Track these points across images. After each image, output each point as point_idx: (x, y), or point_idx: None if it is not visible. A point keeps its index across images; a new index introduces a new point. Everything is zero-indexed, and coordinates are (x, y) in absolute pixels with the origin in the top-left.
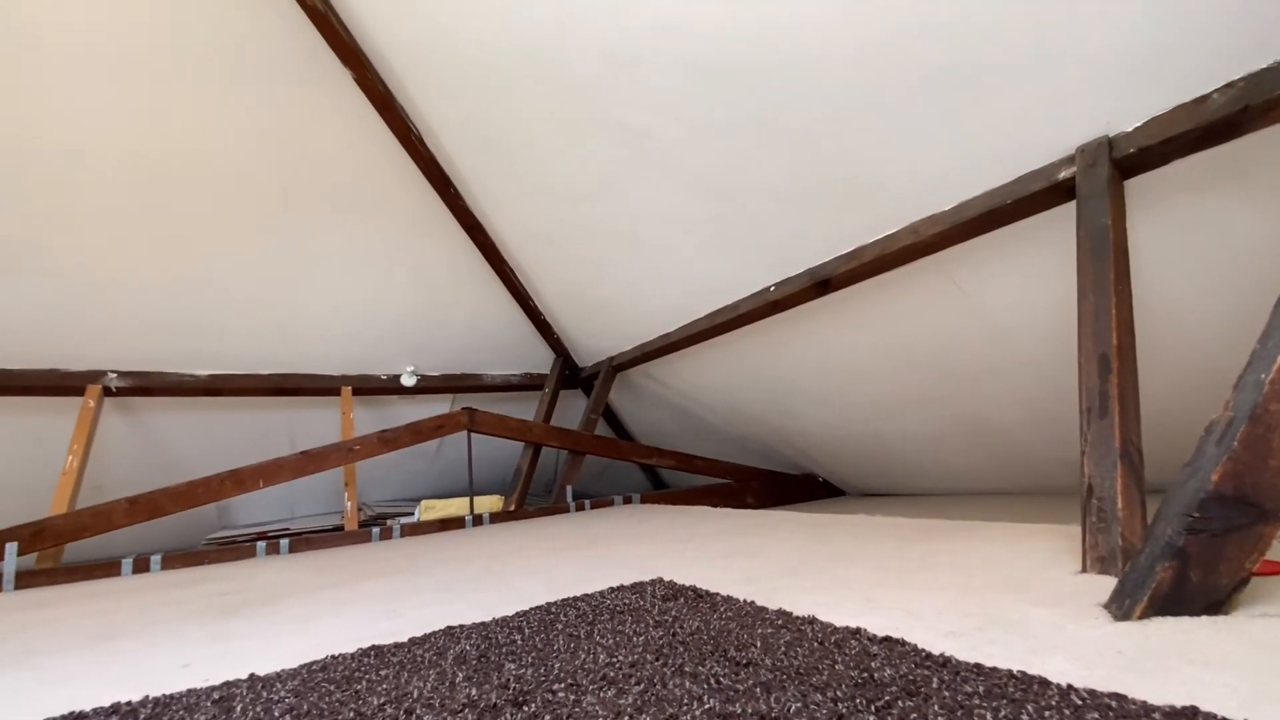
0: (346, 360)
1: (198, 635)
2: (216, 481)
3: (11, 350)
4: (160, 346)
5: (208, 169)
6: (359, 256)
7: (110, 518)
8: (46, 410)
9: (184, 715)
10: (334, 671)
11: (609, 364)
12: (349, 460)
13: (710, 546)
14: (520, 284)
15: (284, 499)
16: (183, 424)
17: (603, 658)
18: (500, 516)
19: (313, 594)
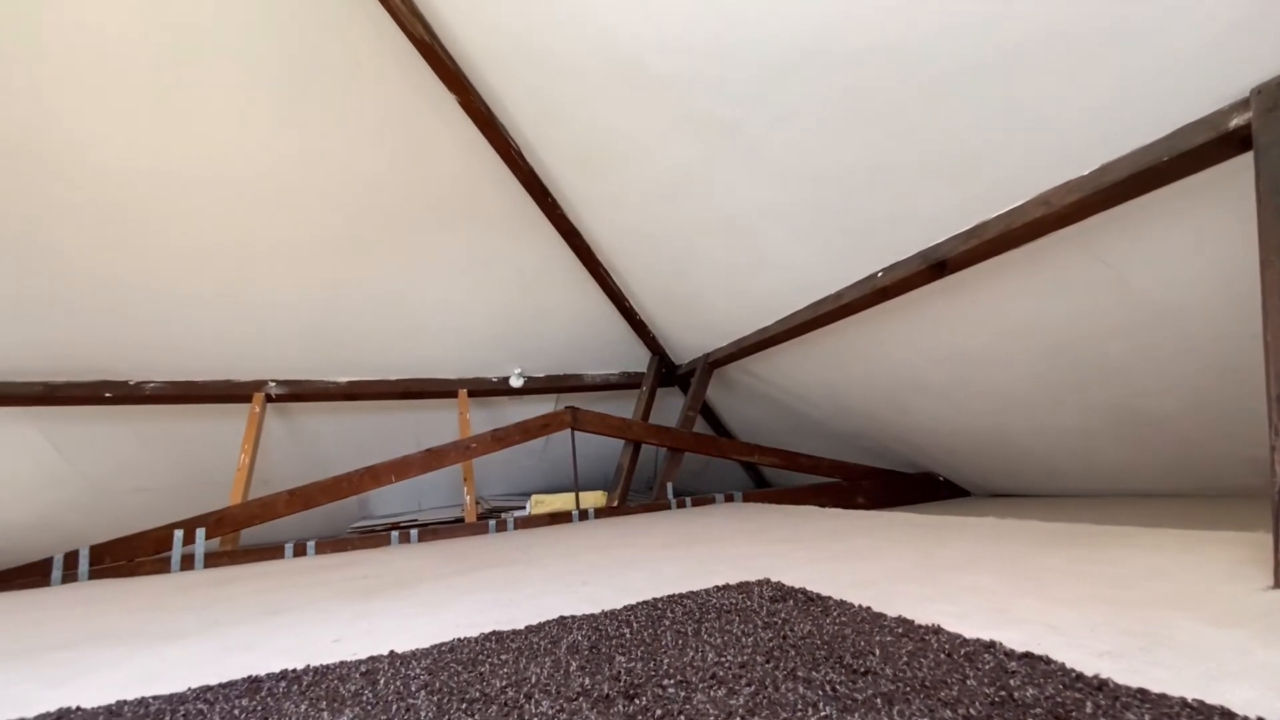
0: (462, 365)
1: (346, 613)
2: (357, 476)
3: (194, 364)
4: (308, 358)
5: (339, 196)
6: (469, 268)
7: (274, 507)
8: (222, 415)
9: (337, 684)
10: (460, 653)
11: (705, 361)
12: (467, 457)
13: (819, 548)
14: (615, 286)
15: (413, 492)
16: (328, 425)
17: (711, 656)
18: (604, 512)
19: (440, 580)
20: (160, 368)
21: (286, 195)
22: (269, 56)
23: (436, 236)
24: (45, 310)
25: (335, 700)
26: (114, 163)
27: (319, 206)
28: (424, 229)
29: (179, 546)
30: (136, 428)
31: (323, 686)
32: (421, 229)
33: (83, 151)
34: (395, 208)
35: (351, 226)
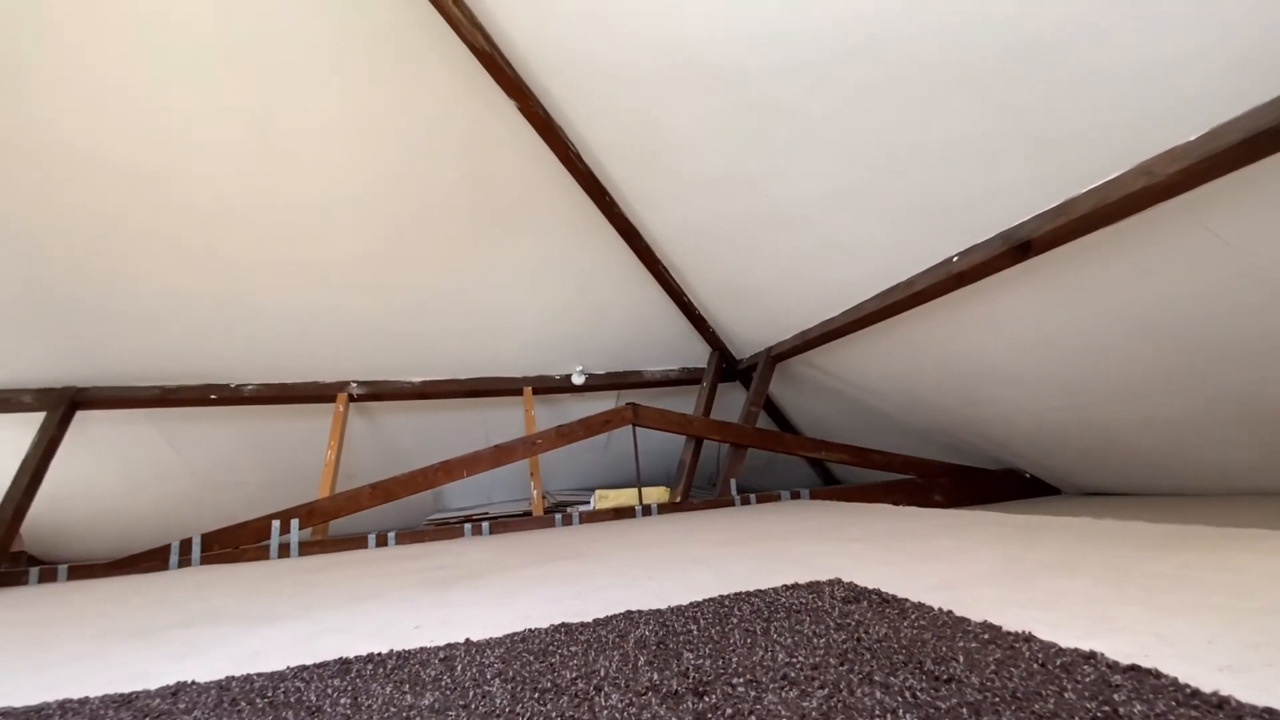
0: (526, 363)
1: (425, 601)
2: (432, 471)
3: (285, 368)
4: (385, 359)
5: (410, 209)
6: (532, 270)
7: (358, 500)
8: (310, 414)
9: (419, 669)
10: (532, 643)
11: (767, 355)
12: (533, 453)
13: (894, 548)
14: (674, 282)
15: (483, 486)
16: (405, 423)
17: (781, 657)
18: (666, 508)
19: (510, 572)
20: (257, 372)
21: (363, 210)
22: (340, 77)
23: (500, 241)
24: (161, 322)
25: (417, 684)
26: (209, 196)
27: (392, 220)
28: (488, 234)
29: (276, 536)
30: (237, 426)
31: (405, 670)
32: (486, 234)
33: (189, 188)
34: (462, 216)
35: (421, 236)
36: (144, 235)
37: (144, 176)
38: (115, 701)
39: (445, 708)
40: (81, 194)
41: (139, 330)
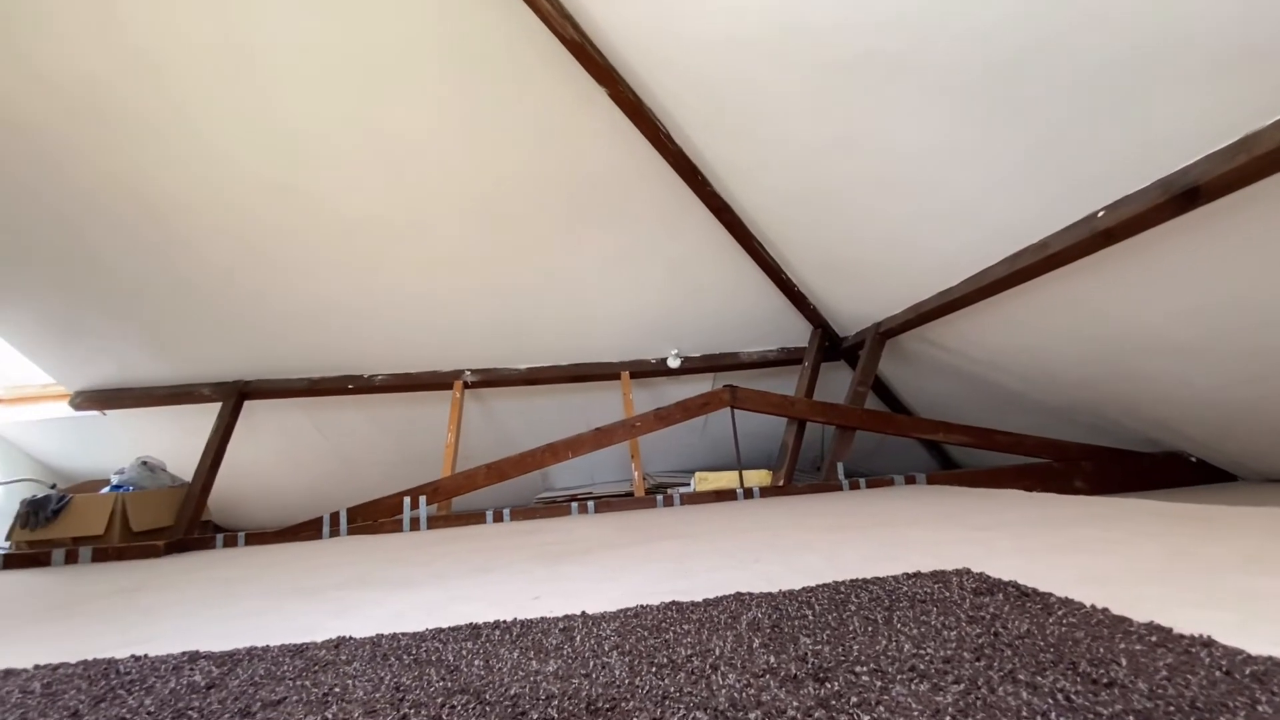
0: (623, 348)
1: (542, 574)
2: (539, 453)
3: (409, 358)
4: (495, 348)
5: (512, 203)
6: (627, 255)
7: (475, 479)
8: (432, 401)
9: (541, 637)
10: (645, 619)
11: (875, 331)
12: (632, 435)
13: (1029, 537)
14: (770, 258)
15: (586, 467)
16: (513, 408)
17: (908, 647)
18: (769, 491)
19: (617, 549)
20: (386, 363)
21: (467, 210)
22: (440, 82)
23: (594, 229)
24: (308, 323)
25: (540, 651)
26: (341, 206)
27: (493, 217)
28: (583, 224)
29: (408, 510)
30: (371, 413)
31: (529, 638)
32: (581, 224)
33: (326, 200)
34: (558, 207)
35: (519, 230)
36: (292, 246)
37: (291, 193)
38: (290, 651)
39: (569, 675)
40: (245, 213)
41: (291, 330)
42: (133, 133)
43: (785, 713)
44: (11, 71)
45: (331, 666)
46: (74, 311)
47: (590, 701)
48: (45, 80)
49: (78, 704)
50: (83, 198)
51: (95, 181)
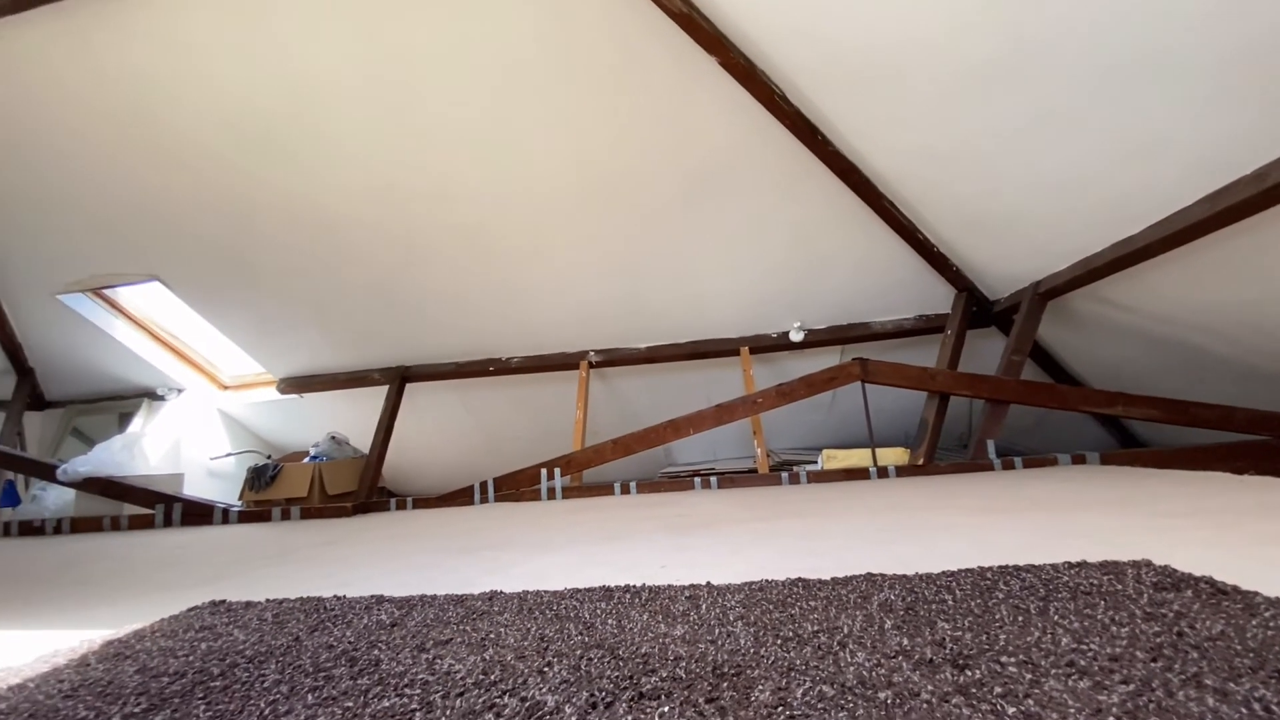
0: (742, 323)
1: (667, 545)
2: (661, 429)
3: (540, 341)
4: (617, 329)
5: (626, 186)
6: (744, 227)
7: (603, 453)
8: (561, 380)
9: (668, 603)
10: (770, 593)
11: (1034, 292)
12: (753, 412)
13: (1233, 527)
14: (904, 218)
15: (708, 444)
16: (635, 386)
17: (1066, 641)
18: (906, 470)
19: (742, 524)
20: (520, 346)
21: (587, 193)
22: (551, 64)
23: (710, 203)
24: (455, 312)
25: (668, 616)
26: (471, 202)
27: (612, 198)
28: (698, 198)
29: (545, 481)
30: (509, 393)
31: (658, 602)
32: (696, 198)
33: (455, 201)
34: (672, 184)
35: (636, 210)
36: (436, 246)
37: (433, 199)
38: (453, 600)
39: (695, 640)
40: (396, 221)
41: (440, 320)
42: (307, 162)
43: (919, 695)
44: (203, 117)
45: (486, 616)
46: (276, 314)
47: (716, 666)
48: (231, 126)
49: (299, 631)
50: (273, 221)
51: (282, 207)
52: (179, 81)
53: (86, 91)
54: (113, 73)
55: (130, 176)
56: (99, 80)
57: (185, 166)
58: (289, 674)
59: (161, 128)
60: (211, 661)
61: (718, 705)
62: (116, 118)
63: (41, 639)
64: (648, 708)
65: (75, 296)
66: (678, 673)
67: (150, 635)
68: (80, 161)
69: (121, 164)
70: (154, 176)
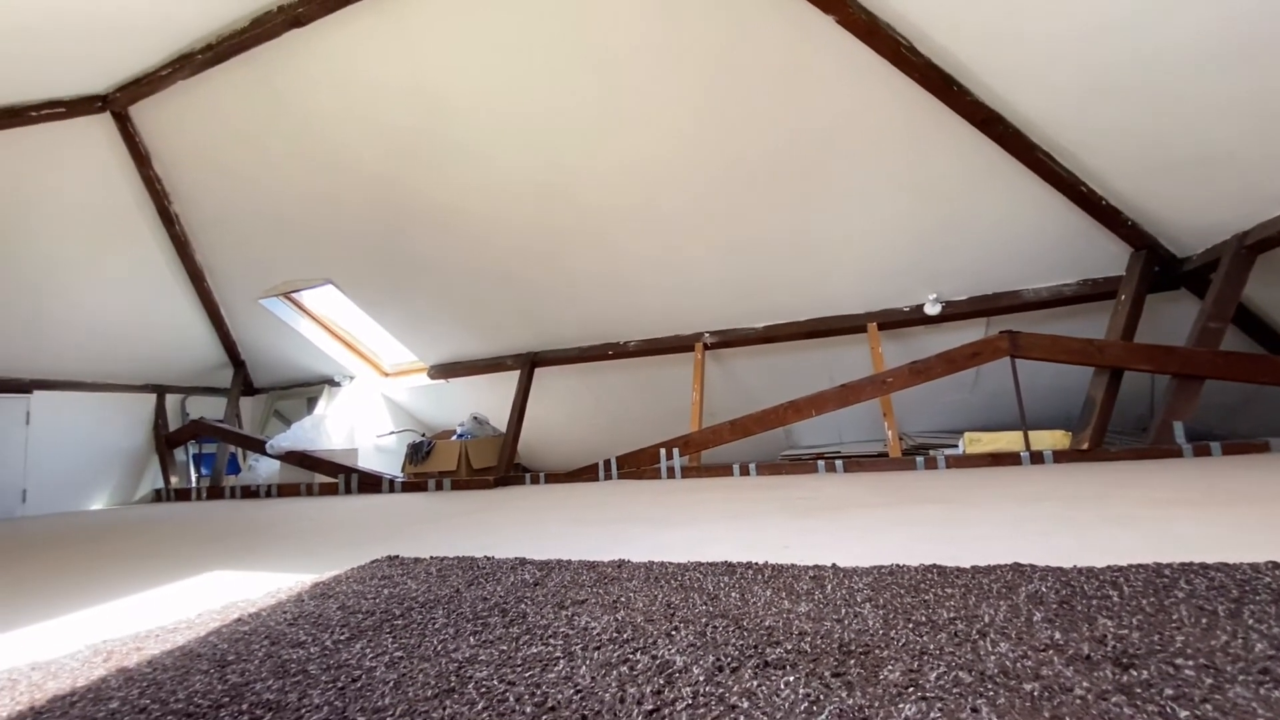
0: (868, 298)
1: (790, 526)
2: (781, 410)
3: (655, 325)
4: (732, 309)
5: (740, 162)
6: (867, 194)
7: (721, 434)
8: (676, 363)
9: (791, 581)
10: (900, 578)
11: (1238, 244)
12: (883, 392)
13: None
14: (1063, 170)
15: (833, 426)
16: (752, 366)
17: (1261, 647)
18: (1067, 456)
19: (869, 509)
20: (636, 330)
21: (699, 172)
22: (660, 48)
23: (830, 171)
24: (576, 301)
25: (791, 594)
26: (589, 193)
27: (726, 175)
28: (817, 168)
29: (664, 460)
30: (627, 375)
31: (780, 580)
32: (815, 168)
33: (575, 194)
34: (789, 155)
35: (753, 183)
36: (557, 240)
37: (555, 193)
38: (586, 565)
39: (820, 617)
40: (523, 220)
41: (565, 307)
42: (448, 173)
43: (1071, 690)
44: (362, 136)
45: (616, 581)
46: (426, 309)
47: (842, 643)
48: (387, 145)
49: (458, 584)
50: (421, 228)
51: (428, 215)
52: (345, 112)
53: (274, 126)
54: (297, 110)
55: (308, 195)
56: (283, 115)
57: (350, 184)
58: (453, 619)
59: (330, 151)
60: (393, 604)
61: (844, 680)
62: (296, 145)
63: (267, 579)
64: (773, 675)
65: (272, 300)
66: (803, 646)
67: (345, 580)
68: (269, 186)
69: (301, 184)
70: (326, 193)
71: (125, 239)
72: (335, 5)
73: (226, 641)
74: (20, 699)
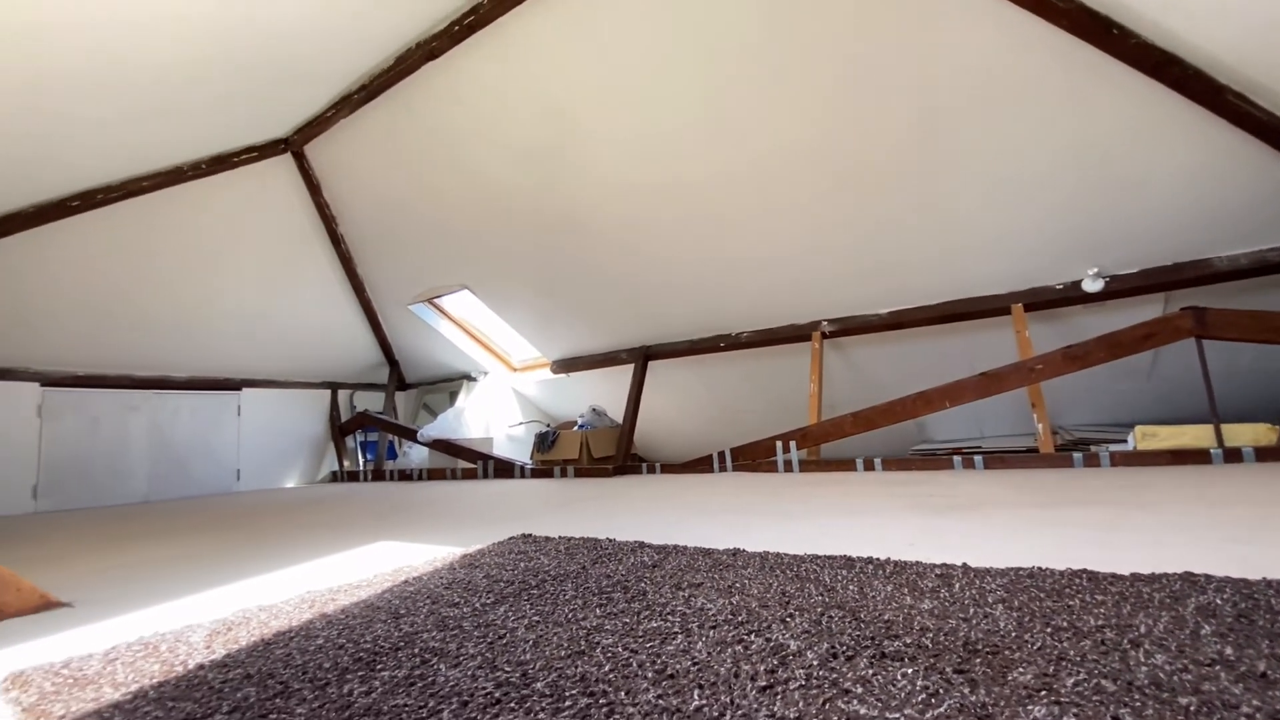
0: (1012, 276)
1: (916, 523)
2: (909, 402)
3: (768, 314)
4: (853, 295)
5: (861, 137)
6: (1009, 160)
7: (842, 428)
8: (792, 353)
9: (915, 578)
10: (1042, 581)
11: None
12: (1031, 381)
13: None
14: (1259, 110)
15: (972, 418)
16: (877, 355)
17: None
18: (1273, 454)
19: (1012, 509)
20: (748, 321)
21: (817, 150)
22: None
23: (964, 140)
24: (686, 293)
25: (914, 590)
26: (693, 182)
27: (844, 153)
28: (947, 132)
29: (780, 453)
30: (741, 367)
31: (903, 576)
32: (947, 136)
33: (682, 187)
34: (912, 121)
35: (871, 158)
36: (665, 236)
37: (661, 191)
38: (701, 552)
39: (945, 615)
40: (634, 219)
41: (676, 301)
42: (566, 180)
43: (1237, 708)
44: (490, 151)
45: (731, 569)
46: (548, 308)
47: (968, 642)
48: (515, 159)
49: (584, 562)
50: (542, 233)
51: (548, 220)
52: (475, 130)
53: (415, 149)
54: (434, 133)
55: (445, 209)
56: (423, 139)
57: (480, 196)
58: (581, 592)
59: (463, 168)
60: (529, 576)
61: (968, 677)
62: (435, 165)
63: (425, 550)
64: (889, 666)
65: (418, 306)
66: (923, 641)
67: (487, 554)
68: (414, 203)
69: (439, 200)
70: (460, 206)
71: (306, 259)
72: (462, 35)
73: (398, 599)
74: (254, 632)
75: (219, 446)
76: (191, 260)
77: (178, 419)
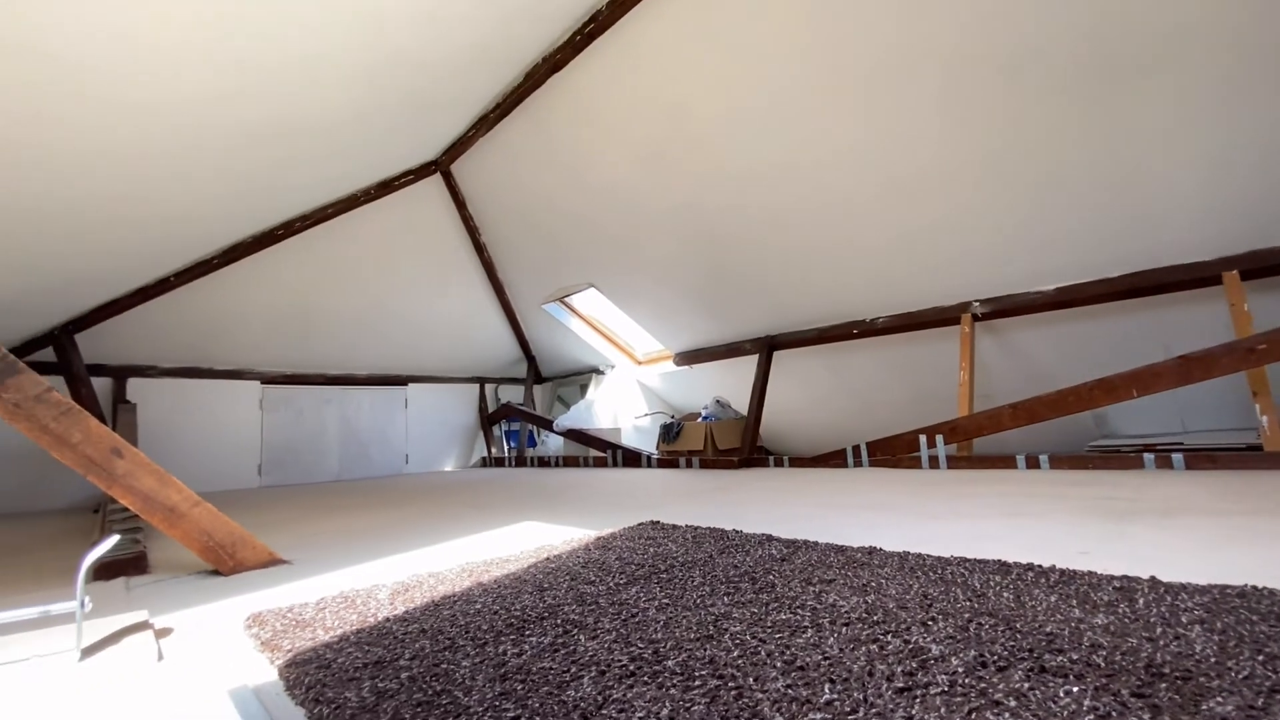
0: (1222, 239)
1: (1092, 530)
2: (1085, 390)
3: (908, 298)
4: (1007, 271)
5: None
6: (1213, 100)
7: (999, 420)
8: (937, 338)
9: (1088, 590)
10: (1254, 602)
11: None
12: (1251, 364)
13: None
14: None
15: (1169, 409)
16: (1041, 338)
17: None
18: None
19: (1217, 516)
20: (885, 305)
21: (951, 113)
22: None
23: (1148, 76)
24: (812, 280)
25: (1086, 603)
26: (817, 164)
27: (986, 107)
28: (1125, 75)
29: (925, 448)
30: (877, 354)
31: (1071, 587)
32: (1123, 76)
33: (806, 172)
34: (1075, 68)
35: (1024, 112)
36: (787, 223)
37: (785, 175)
38: (833, 548)
39: (1122, 633)
40: (756, 206)
41: (801, 288)
42: (686, 172)
43: None
44: (612, 151)
45: (866, 567)
46: (670, 302)
47: (1152, 664)
48: (634, 157)
49: (711, 551)
50: (663, 227)
51: (668, 215)
52: (597, 133)
53: (544, 157)
54: (561, 141)
55: (573, 211)
56: (551, 147)
57: (603, 196)
58: (709, 580)
59: (589, 170)
60: (658, 561)
61: (1149, 702)
62: (562, 170)
63: (563, 531)
64: (1050, 682)
65: (551, 305)
66: (1094, 659)
67: (619, 538)
68: (544, 207)
69: (567, 202)
70: (586, 207)
71: (455, 267)
72: (583, 44)
73: (541, 574)
74: (426, 594)
75: (391, 434)
76: (366, 272)
77: (360, 411)
